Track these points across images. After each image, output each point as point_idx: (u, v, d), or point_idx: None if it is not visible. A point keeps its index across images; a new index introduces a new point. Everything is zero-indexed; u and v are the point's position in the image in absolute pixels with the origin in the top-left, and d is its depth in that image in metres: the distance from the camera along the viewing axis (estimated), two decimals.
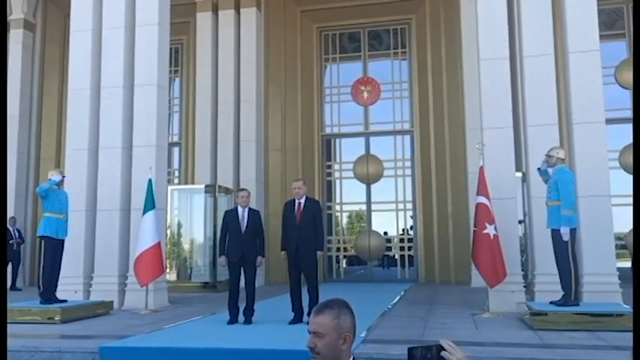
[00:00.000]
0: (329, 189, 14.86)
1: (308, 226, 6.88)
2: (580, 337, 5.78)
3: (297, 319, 6.82)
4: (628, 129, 12.89)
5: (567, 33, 8.15)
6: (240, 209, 7.23)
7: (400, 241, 14.43)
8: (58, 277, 7.96)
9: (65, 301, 7.89)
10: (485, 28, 8.46)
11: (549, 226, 6.99)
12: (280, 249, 7.16)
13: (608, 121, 8.48)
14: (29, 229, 14.12)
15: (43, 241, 7.80)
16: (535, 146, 7.93)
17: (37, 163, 15.00)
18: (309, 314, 6.84)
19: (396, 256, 14.52)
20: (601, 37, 8.28)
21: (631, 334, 5.41)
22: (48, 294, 7.71)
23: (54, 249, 7.82)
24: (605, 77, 9.69)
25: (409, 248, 14.19)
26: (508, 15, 8.57)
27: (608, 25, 13.08)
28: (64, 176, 8.26)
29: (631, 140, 12.78)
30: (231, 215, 7.26)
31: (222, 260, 7.17)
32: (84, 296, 8.77)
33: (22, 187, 14.44)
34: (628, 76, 12.93)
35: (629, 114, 12.97)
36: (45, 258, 7.72)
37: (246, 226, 7.11)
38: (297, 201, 7.04)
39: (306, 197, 7.11)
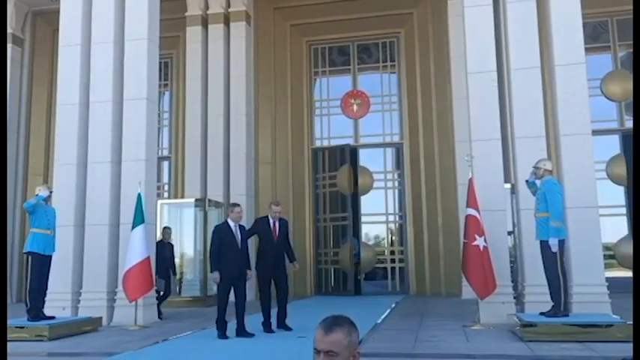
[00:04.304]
0: (318, 201, 14.84)
1: (283, 243, 7.83)
2: (571, 348, 5.79)
3: (269, 327, 7.36)
4: (614, 140, 13.08)
5: (553, 46, 8.28)
6: (232, 224, 7.21)
7: (390, 254, 14.43)
8: (45, 294, 7.86)
9: (53, 317, 7.78)
10: (473, 41, 8.56)
11: (538, 237, 7.03)
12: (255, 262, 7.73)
13: (595, 133, 8.61)
14: (17, 245, 13.95)
15: (29, 257, 7.71)
16: (523, 158, 7.99)
17: (25, 177, 14.88)
18: (278, 324, 7.27)
19: (387, 268, 14.50)
20: (586, 49, 8.42)
21: (621, 344, 5.45)
22: (35, 311, 7.60)
23: (41, 265, 7.71)
24: (590, 89, 9.86)
25: (400, 260, 14.18)
26: (495, 29, 8.69)
27: (593, 37, 13.28)
28: (51, 191, 8.19)
29: (617, 151, 12.96)
30: (224, 231, 7.20)
31: (216, 277, 7.04)
32: (72, 312, 8.65)
33: (10, 202, 14.26)
34: (613, 88, 13.12)
35: (616, 125, 13.15)
36: (32, 274, 7.62)
37: (241, 242, 7.17)
38: (272, 220, 7.70)
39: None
